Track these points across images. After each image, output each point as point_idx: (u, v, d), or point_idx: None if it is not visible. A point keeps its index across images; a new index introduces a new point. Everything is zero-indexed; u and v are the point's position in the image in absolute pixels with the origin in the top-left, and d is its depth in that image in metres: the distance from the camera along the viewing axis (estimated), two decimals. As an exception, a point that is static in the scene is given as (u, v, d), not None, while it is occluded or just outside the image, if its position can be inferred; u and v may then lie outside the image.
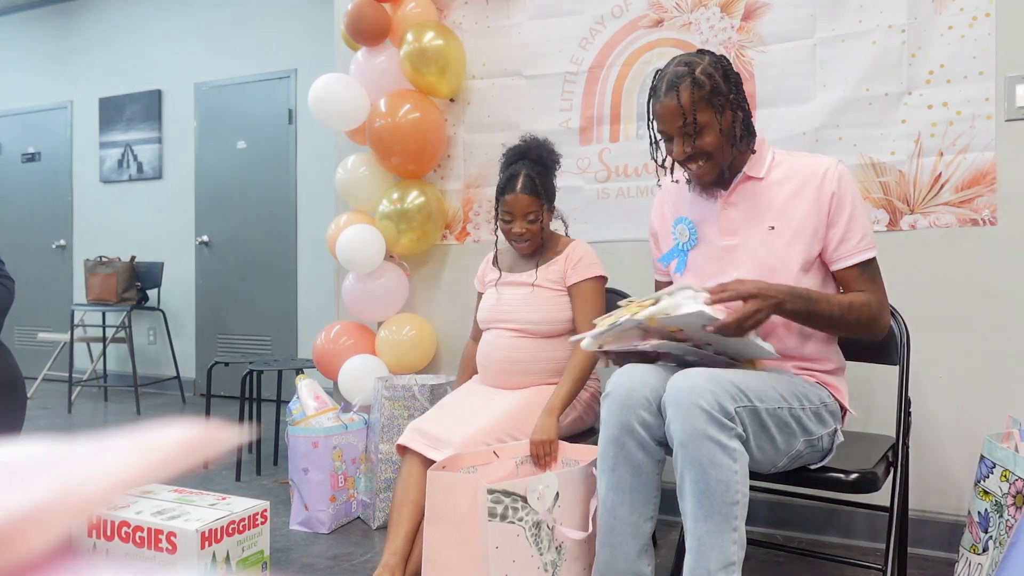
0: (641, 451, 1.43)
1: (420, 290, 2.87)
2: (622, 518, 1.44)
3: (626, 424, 1.42)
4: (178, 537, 1.68)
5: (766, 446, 1.39)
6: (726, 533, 1.29)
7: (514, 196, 1.96)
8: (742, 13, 2.34)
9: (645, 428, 1.41)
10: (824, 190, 1.50)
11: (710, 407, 1.28)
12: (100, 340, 4.97)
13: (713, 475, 1.28)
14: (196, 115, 5.08)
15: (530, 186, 1.96)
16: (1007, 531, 1.63)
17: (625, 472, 1.44)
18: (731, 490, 1.29)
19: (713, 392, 1.30)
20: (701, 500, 1.29)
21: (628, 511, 1.44)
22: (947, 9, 2.10)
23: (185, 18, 5.12)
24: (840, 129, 2.22)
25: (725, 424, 1.29)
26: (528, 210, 1.97)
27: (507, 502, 1.49)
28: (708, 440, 1.28)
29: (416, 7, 2.71)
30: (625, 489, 1.44)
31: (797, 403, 1.43)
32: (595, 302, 1.98)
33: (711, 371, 1.36)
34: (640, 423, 1.41)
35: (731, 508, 1.29)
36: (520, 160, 2.01)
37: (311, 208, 4.64)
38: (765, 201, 1.55)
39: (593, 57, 2.56)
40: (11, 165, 5.93)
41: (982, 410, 2.07)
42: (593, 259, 2.01)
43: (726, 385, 1.32)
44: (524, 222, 1.98)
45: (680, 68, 1.50)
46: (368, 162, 2.79)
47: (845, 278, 1.52)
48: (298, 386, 2.48)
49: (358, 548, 2.21)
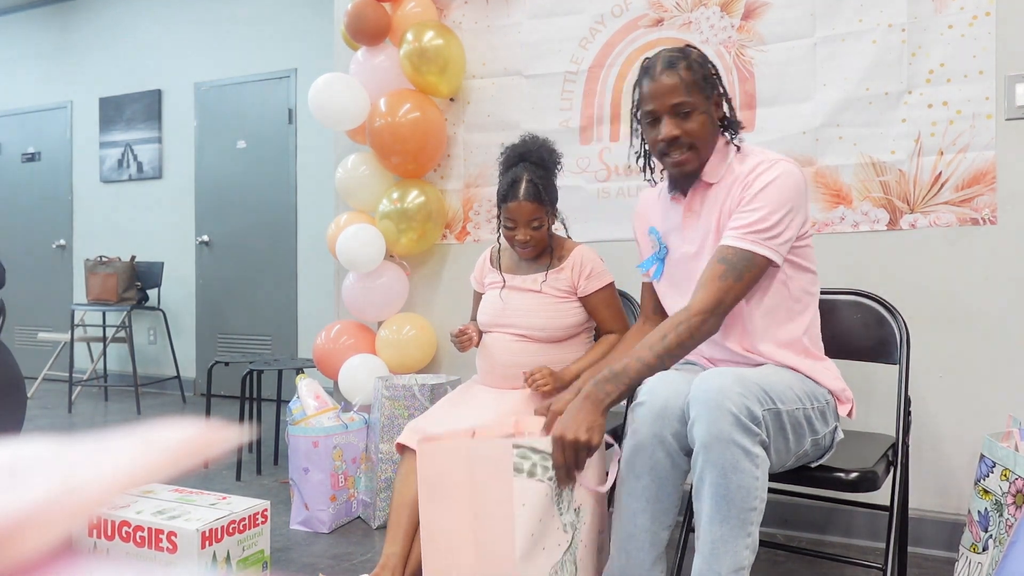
0: (669, 460, 1.39)
1: (420, 290, 2.87)
2: (642, 526, 1.41)
3: (658, 435, 1.38)
4: (178, 537, 1.68)
5: (781, 448, 1.37)
6: (740, 538, 1.27)
7: (517, 204, 1.91)
8: (742, 12, 2.34)
9: (676, 439, 1.38)
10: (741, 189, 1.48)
11: (738, 411, 1.25)
12: (100, 340, 4.97)
13: (734, 480, 1.25)
14: (196, 115, 5.08)
15: (533, 192, 1.91)
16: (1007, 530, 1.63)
17: (650, 482, 1.40)
18: (751, 496, 1.26)
19: (742, 395, 1.26)
20: (719, 504, 1.26)
21: (649, 520, 1.40)
22: (947, 8, 2.10)
23: (185, 18, 5.12)
24: (840, 128, 2.22)
25: (751, 429, 1.26)
26: (532, 217, 1.92)
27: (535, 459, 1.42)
28: (733, 444, 1.25)
29: (416, 7, 2.71)
30: (649, 498, 1.40)
31: (809, 403, 1.42)
32: (615, 307, 2.03)
33: (738, 371, 1.33)
34: (673, 434, 1.38)
35: (749, 514, 1.27)
36: (520, 162, 1.96)
37: (311, 208, 4.64)
38: (716, 206, 1.53)
39: (593, 56, 2.56)
40: (11, 165, 5.93)
41: (982, 410, 2.07)
42: (602, 267, 2.02)
43: (753, 388, 1.29)
44: (528, 229, 1.93)
45: (674, 53, 1.50)
46: (368, 162, 2.79)
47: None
48: (298, 386, 2.48)
49: (358, 548, 2.21)
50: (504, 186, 1.94)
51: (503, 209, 1.94)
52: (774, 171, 1.46)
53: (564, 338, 2.00)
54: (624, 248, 2.48)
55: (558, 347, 2.00)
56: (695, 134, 1.48)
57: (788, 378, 1.43)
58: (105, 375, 5.07)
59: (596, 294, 1.99)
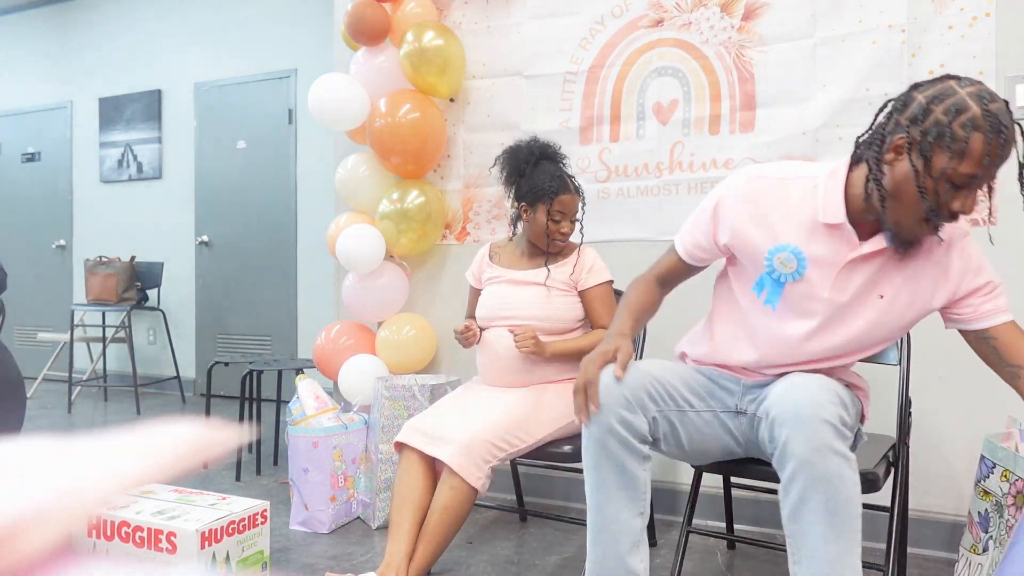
0: (623, 449, 1.42)
1: (420, 290, 2.87)
2: (609, 516, 1.44)
3: (606, 424, 1.40)
4: (178, 537, 1.68)
5: None
6: (855, 552, 1.24)
7: (570, 196, 2.02)
8: (742, 13, 2.34)
9: (625, 427, 1.41)
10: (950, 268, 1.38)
11: (833, 419, 1.22)
12: (100, 340, 4.97)
13: (843, 492, 1.22)
14: (196, 115, 5.07)
15: (576, 187, 2.05)
16: (1007, 531, 1.63)
17: (609, 472, 1.43)
18: (854, 504, 1.23)
19: (833, 403, 1.24)
20: (831, 520, 1.22)
21: (615, 509, 1.44)
22: (947, 9, 2.10)
23: (185, 18, 5.12)
24: (840, 129, 2.22)
25: (847, 435, 1.25)
26: (575, 209, 2.04)
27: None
28: (835, 455, 1.21)
29: (416, 7, 2.71)
30: (610, 487, 1.43)
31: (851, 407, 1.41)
32: (610, 303, 2.06)
33: (821, 379, 1.31)
34: (620, 422, 1.40)
35: (856, 523, 1.24)
36: (542, 160, 2.05)
37: (311, 208, 4.64)
38: (918, 275, 1.38)
39: (593, 57, 2.56)
40: (11, 165, 5.93)
41: (982, 410, 2.07)
42: (602, 264, 2.08)
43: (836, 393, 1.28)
44: (569, 221, 2.04)
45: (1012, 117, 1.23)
46: (368, 162, 2.79)
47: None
48: (298, 386, 2.48)
49: (358, 548, 2.21)
50: (544, 181, 2.00)
51: (554, 202, 2.00)
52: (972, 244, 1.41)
53: (560, 331, 2.03)
54: (624, 248, 2.49)
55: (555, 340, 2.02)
56: (971, 211, 1.28)
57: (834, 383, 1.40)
58: (105, 375, 5.07)
59: (594, 289, 2.04)
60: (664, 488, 2.40)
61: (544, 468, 2.52)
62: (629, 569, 1.44)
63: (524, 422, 1.89)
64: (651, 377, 1.45)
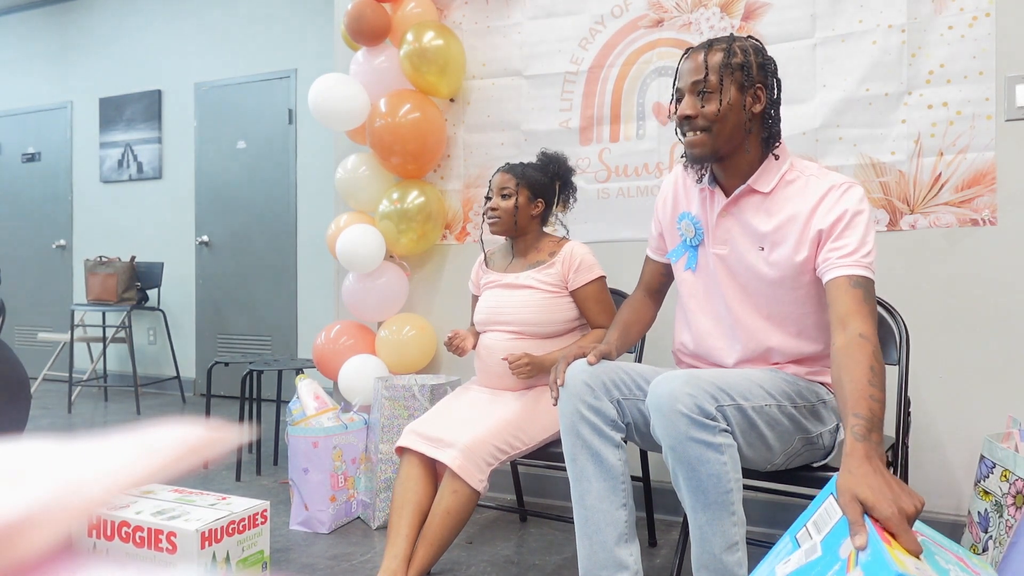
0: (596, 436, 1.46)
1: (420, 290, 2.87)
2: (592, 507, 1.47)
3: (575, 411, 1.47)
4: (178, 537, 1.68)
5: (757, 444, 1.40)
6: (725, 518, 1.33)
7: (500, 174, 2.08)
8: (742, 13, 2.34)
9: (594, 412, 1.46)
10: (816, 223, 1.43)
11: (689, 411, 1.30)
12: (100, 340, 4.97)
13: (703, 471, 1.31)
14: (196, 115, 5.07)
15: (510, 168, 2.09)
16: (1007, 531, 1.63)
17: (586, 460, 1.48)
18: (723, 480, 1.31)
19: (691, 395, 1.31)
20: (697, 494, 1.33)
21: (596, 499, 1.47)
22: (947, 9, 2.10)
23: (185, 18, 5.12)
24: (840, 129, 2.22)
25: (707, 424, 1.30)
26: (503, 186, 2.05)
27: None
28: (692, 442, 1.30)
29: (416, 7, 2.71)
30: (589, 477, 1.47)
31: (788, 401, 1.43)
32: (605, 301, 2.02)
33: (690, 373, 1.38)
34: (588, 408, 1.46)
35: (726, 496, 1.32)
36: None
37: (311, 208, 4.64)
38: (760, 220, 1.50)
39: (593, 57, 2.56)
40: (11, 165, 5.93)
41: (982, 410, 2.07)
42: (592, 260, 2.02)
43: (705, 386, 1.33)
44: (498, 198, 2.05)
45: (722, 37, 1.50)
46: (368, 162, 2.79)
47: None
48: (298, 386, 2.48)
49: (358, 548, 2.21)
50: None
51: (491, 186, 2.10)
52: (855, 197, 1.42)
53: (557, 334, 2.01)
54: (624, 248, 2.49)
55: (552, 343, 2.01)
56: (711, 116, 1.44)
57: (756, 376, 1.43)
58: (105, 375, 5.07)
59: (585, 288, 2.00)
60: (664, 488, 2.40)
61: (544, 468, 2.52)
62: (619, 561, 1.46)
63: (525, 425, 1.89)
64: (615, 367, 1.53)
